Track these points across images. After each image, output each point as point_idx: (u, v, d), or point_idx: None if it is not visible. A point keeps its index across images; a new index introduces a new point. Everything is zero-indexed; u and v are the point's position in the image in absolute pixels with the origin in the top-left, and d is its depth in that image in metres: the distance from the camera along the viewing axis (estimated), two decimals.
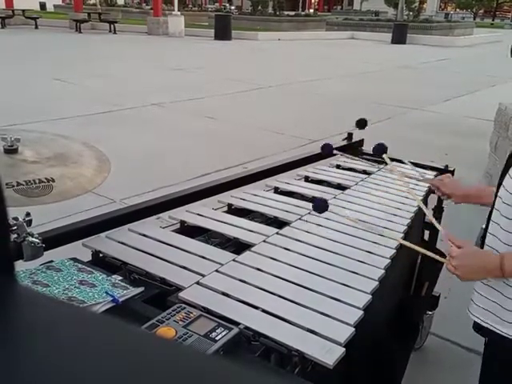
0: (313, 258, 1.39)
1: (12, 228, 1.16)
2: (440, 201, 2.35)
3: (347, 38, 22.74)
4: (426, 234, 2.39)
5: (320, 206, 1.57)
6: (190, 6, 38.90)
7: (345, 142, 2.54)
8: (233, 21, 19.88)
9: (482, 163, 5.12)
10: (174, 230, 1.61)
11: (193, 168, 4.55)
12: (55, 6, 31.91)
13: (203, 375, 0.27)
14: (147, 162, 4.84)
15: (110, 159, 1.45)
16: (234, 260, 1.36)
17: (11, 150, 1.29)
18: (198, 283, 1.23)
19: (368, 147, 2.61)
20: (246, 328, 1.06)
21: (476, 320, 1.35)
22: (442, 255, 1.35)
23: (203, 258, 1.37)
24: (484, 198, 1.56)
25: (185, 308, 1.09)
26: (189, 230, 1.62)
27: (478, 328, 1.37)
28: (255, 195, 1.91)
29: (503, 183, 1.29)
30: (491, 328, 1.31)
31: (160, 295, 1.23)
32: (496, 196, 1.33)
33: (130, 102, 7.45)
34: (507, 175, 1.28)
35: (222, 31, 18.93)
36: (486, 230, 1.37)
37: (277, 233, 1.55)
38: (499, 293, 1.28)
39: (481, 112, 7.33)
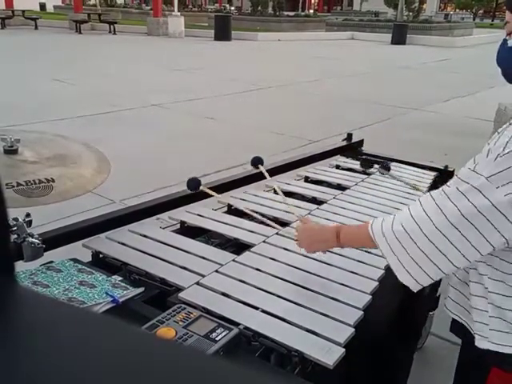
0: (312, 259, 1.39)
1: (12, 229, 1.16)
2: None
3: (347, 38, 22.75)
4: None
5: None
6: (190, 6, 38.92)
7: (344, 143, 2.54)
8: (233, 21, 19.87)
9: None
10: (173, 231, 1.61)
11: (193, 168, 4.55)
12: (55, 7, 31.91)
13: (203, 375, 0.27)
14: (147, 163, 4.84)
15: (109, 160, 1.45)
16: (233, 260, 1.36)
17: (11, 151, 1.29)
18: (197, 283, 1.23)
19: (368, 147, 2.62)
20: (246, 328, 1.06)
21: (453, 317, 1.29)
22: None
23: (203, 258, 1.37)
24: None
25: (185, 308, 1.09)
26: (189, 231, 1.62)
27: (454, 328, 1.31)
28: (255, 196, 1.91)
29: None
30: (466, 326, 1.23)
31: (160, 295, 1.23)
32: None
33: (129, 103, 7.45)
34: None
35: (222, 32, 18.94)
36: None
37: (277, 233, 1.56)
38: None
39: (480, 112, 7.33)
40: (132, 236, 1.50)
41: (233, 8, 35.75)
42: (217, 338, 0.99)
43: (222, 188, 1.89)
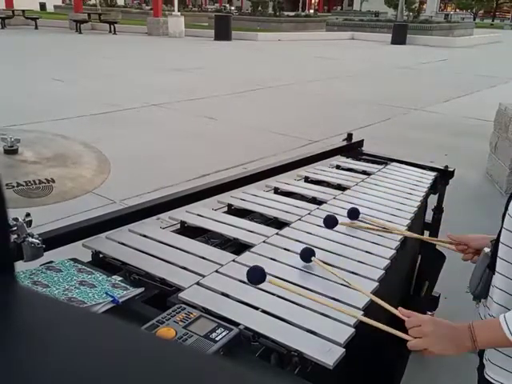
0: None
1: (12, 229, 1.16)
2: (440, 201, 2.35)
3: (347, 38, 22.75)
4: (426, 234, 2.40)
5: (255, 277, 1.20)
6: (190, 6, 38.94)
7: (345, 143, 2.54)
8: (233, 21, 19.88)
9: (482, 163, 5.13)
10: (174, 231, 1.61)
11: (193, 168, 4.55)
12: (55, 7, 31.92)
13: (203, 375, 0.27)
14: (147, 163, 4.84)
15: (109, 160, 1.45)
16: (233, 260, 1.36)
17: (11, 151, 1.29)
18: (198, 284, 1.23)
19: (368, 148, 2.62)
20: (246, 328, 1.06)
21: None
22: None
23: (203, 258, 1.37)
24: None
25: (185, 308, 1.09)
26: (189, 231, 1.62)
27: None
28: (255, 196, 1.91)
29: (508, 209, 1.07)
30: None
31: (160, 296, 1.23)
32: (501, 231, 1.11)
33: (129, 103, 7.45)
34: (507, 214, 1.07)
35: (222, 32, 18.94)
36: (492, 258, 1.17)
37: (277, 233, 1.56)
38: None
39: (481, 112, 7.33)
40: (132, 236, 1.50)
41: (233, 8, 35.77)
42: (217, 338, 0.99)
43: (222, 188, 1.90)
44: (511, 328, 0.96)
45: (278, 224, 1.67)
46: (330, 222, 1.58)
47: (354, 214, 1.65)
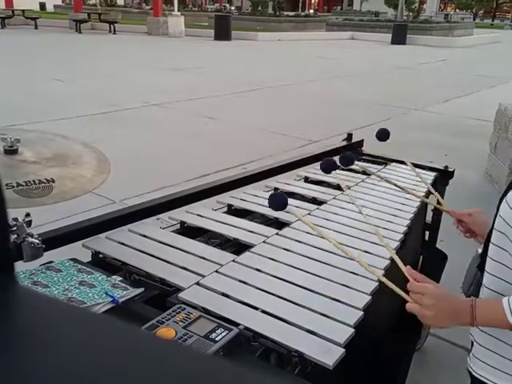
0: (312, 259, 1.39)
1: (12, 229, 1.15)
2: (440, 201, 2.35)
3: (347, 38, 22.75)
4: (426, 234, 2.40)
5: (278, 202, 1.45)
6: (190, 6, 38.97)
7: (344, 143, 2.54)
8: (233, 21, 19.90)
9: (482, 164, 5.13)
10: (173, 231, 1.61)
11: (193, 168, 4.55)
12: (55, 7, 31.92)
13: (203, 376, 0.27)
14: (147, 163, 4.84)
15: (109, 159, 1.45)
16: (233, 261, 1.36)
17: (11, 151, 1.29)
18: (197, 284, 1.23)
19: (368, 148, 2.61)
20: (246, 329, 1.06)
21: (481, 378, 1.16)
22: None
23: (203, 258, 1.37)
24: None
25: (185, 309, 1.09)
26: (189, 231, 1.62)
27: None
28: (255, 196, 1.91)
29: (499, 210, 1.10)
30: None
31: (160, 296, 1.23)
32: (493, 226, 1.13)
33: (129, 103, 7.45)
34: (504, 200, 1.09)
35: (222, 31, 18.95)
36: (482, 258, 1.19)
37: (277, 233, 1.56)
38: (505, 344, 1.10)
39: (480, 113, 7.33)
40: (132, 236, 1.50)
41: (233, 8, 35.77)
42: (217, 339, 0.99)
43: (222, 188, 1.89)
44: None
45: (278, 224, 1.67)
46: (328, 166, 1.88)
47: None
